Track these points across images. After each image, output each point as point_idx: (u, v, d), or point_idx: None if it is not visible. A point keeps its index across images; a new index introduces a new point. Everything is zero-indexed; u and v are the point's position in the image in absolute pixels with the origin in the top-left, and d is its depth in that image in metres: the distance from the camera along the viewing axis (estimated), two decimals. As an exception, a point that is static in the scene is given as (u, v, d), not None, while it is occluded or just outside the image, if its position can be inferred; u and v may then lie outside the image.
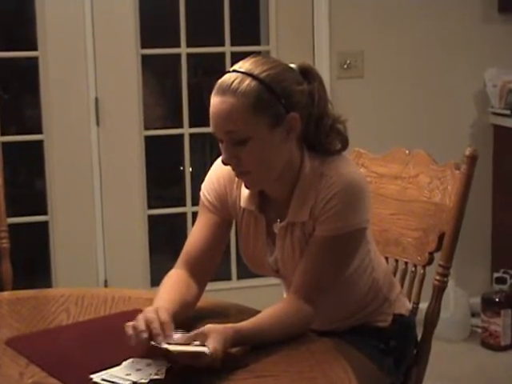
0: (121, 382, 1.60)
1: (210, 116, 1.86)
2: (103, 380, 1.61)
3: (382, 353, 2.08)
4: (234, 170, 1.90)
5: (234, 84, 1.82)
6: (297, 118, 1.87)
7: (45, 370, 1.69)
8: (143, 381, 1.60)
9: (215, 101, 1.84)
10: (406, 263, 2.32)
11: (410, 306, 2.22)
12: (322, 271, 1.90)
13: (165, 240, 4.35)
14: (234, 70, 1.86)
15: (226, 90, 1.82)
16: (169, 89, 4.52)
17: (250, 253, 2.07)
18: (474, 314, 4.11)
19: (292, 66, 1.95)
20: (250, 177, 1.90)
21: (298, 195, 1.92)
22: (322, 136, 1.95)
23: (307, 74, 1.95)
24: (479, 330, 4.02)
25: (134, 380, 1.60)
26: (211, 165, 2.10)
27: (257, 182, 1.92)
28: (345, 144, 1.99)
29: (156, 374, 1.63)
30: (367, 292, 2.09)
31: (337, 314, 2.10)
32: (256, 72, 1.84)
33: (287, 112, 1.86)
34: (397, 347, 2.12)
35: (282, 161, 1.89)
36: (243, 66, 1.87)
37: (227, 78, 1.85)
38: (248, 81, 1.82)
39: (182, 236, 3.97)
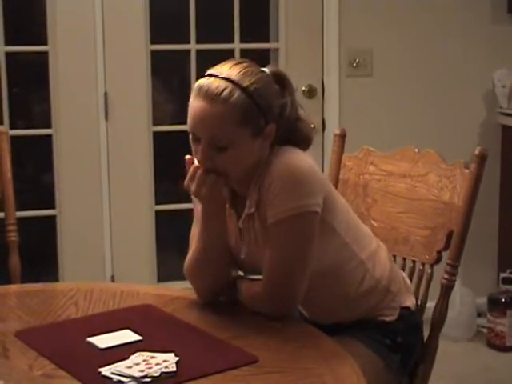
0: (131, 375, 1.61)
1: (189, 116, 1.91)
2: (112, 373, 1.62)
3: (388, 349, 2.09)
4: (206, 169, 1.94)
5: (224, 93, 1.87)
6: (273, 129, 1.95)
7: (54, 362, 1.70)
8: (155, 374, 1.61)
9: (201, 106, 1.89)
10: (414, 262, 2.32)
11: (414, 299, 2.21)
12: (280, 257, 1.94)
13: (172, 236, 4.35)
14: (223, 78, 1.89)
15: (215, 99, 1.87)
16: (177, 85, 4.52)
17: (233, 250, 2.09)
18: (479, 314, 4.11)
19: (264, 70, 1.99)
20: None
21: (252, 185, 1.98)
22: (293, 138, 2.01)
23: (279, 80, 2.01)
24: (485, 330, 4.02)
25: (145, 373, 1.61)
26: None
27: (229, 182, 1.98)
28: (307, 143, 2.06)
29: (166, 368, 1.63)
30: (360, 282, 2.08)
31: (336, 305, 2.11)
32: (245, 84, 1.90)
33: (266, 123, 1.93)
34: (403, 344, 2.12)
35: (252, 163, 1.96)
36: (231, 73, 1.91)
37: (215, 84, 1.89)
38: (238, 93, 1.88)
39: (189, 232, 3.98)
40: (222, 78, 1.89)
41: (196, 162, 1.94)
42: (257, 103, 1.90)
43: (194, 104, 1.91)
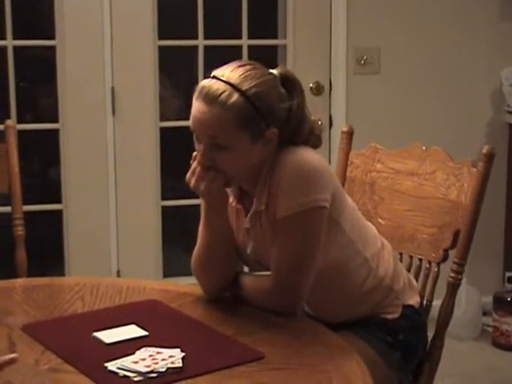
0: (137, 370, 1.61)
1: (191, 116, 1.93)
2: (118, 368, 1.62)
3: (389, 347, 2.08)
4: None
5: (222, 96, 1.88)
6: (275, 133, 1.95)
7: (60, 357, 1.71)
8: (161, 369, 1.61)
9: (201, 107, 1.90)
10: (421, 260, 2.32)
11: (418, 298, 2.20)
12: (288, 252, 1.94)
13: (178, 231, 4.35)
14: (223, 80, 1.90)
15: (213, 101, 1.88)
16: (185, 81, 4.52)
17: (238, 246, 2.09)
18: (485, 313, 4.10)
19: (273, 71, 1.99)
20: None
21: (260, 184, 1.98)
22: (299, 139, 2.01)
23: (287, 81, 2.00)
24: (490, 329, 4.01)
25: (151, 369, 1.61)
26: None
27: (230, 181, 1.98)
28: (317, 143, 2.05)
29: (172, 363, 1.64)
30: (364, 280, 2.08)
31: (340, 303, 2.11)
32: (245, 87, 1.89)
33: (268, 127, 1.93)
34: (405, 342, 2.11)
35: (254, 165, 1.96)
36: (232, 76, 1.91)
37: (215, 87, 1.89)
38: (236, 96, 1.88)
39: (195, 228, 3.99)
40: (223, 80, 1.90)
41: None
42: (256, 107, 1.90)
43: (195, 105, 1.92)
